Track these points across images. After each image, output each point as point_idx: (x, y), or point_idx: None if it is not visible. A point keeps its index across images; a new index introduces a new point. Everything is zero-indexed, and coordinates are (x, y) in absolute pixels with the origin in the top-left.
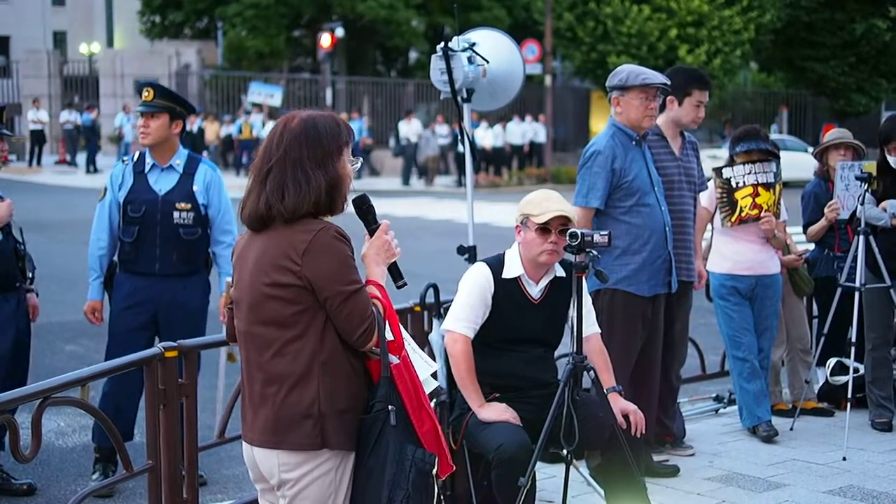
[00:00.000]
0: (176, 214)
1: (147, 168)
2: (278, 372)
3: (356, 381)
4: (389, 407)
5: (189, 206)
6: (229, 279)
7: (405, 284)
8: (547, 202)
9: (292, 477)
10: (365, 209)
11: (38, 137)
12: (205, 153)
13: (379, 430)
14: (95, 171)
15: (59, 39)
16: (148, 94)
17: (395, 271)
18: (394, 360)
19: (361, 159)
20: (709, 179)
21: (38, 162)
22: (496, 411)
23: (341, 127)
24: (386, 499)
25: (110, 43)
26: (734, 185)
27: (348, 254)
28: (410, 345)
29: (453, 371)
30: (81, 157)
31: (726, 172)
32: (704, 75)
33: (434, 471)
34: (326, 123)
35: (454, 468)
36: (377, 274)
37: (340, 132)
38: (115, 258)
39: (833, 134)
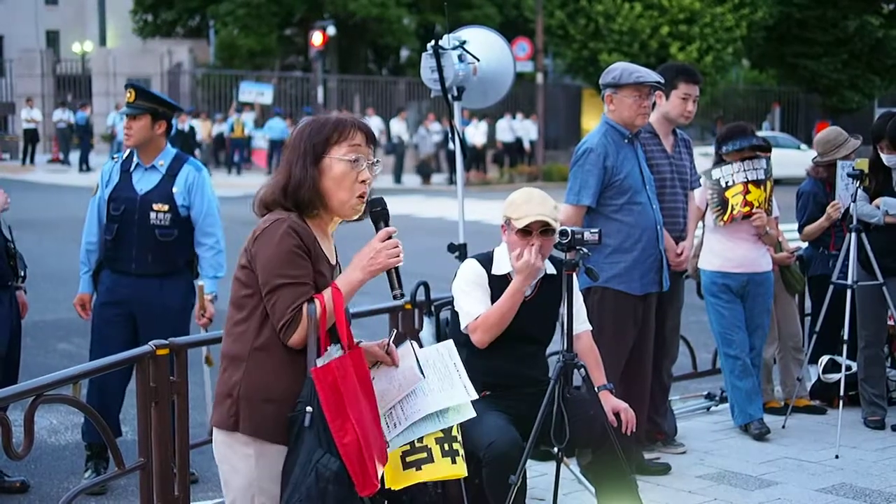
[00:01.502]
0: (152, 215)
1: (133, 167)
2: (224, 351)
3: (296, 376)
4: (308, 408)
5: (166, 207)
6: (202, 283)
7: (401, 295)
8: (527, 205)
9: (217, 455)
10: (377, 212)
11: (31, 136)
12: (196, 152)
13: (297, 430)
14: (88, 169)
15: (52, 38)
16: (130, 95)
17: (392, 278)
18: (319, 362)
19: (380, 161)
20: (700, 177)
21: (32, 160)
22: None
23: (326, 127)
24: (286, 500)
25: (103, 42)
26: (724, 185)
27: (291, 248)
28: (458, 370)
29: (498, 327)
30: (74, 156)
31: (716, 174)
32: (690, 68)
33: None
34: (312, 126)
35: (378, 487)
36: (344, 279)
37: (321, 132)
38: None
39: (839, 138)
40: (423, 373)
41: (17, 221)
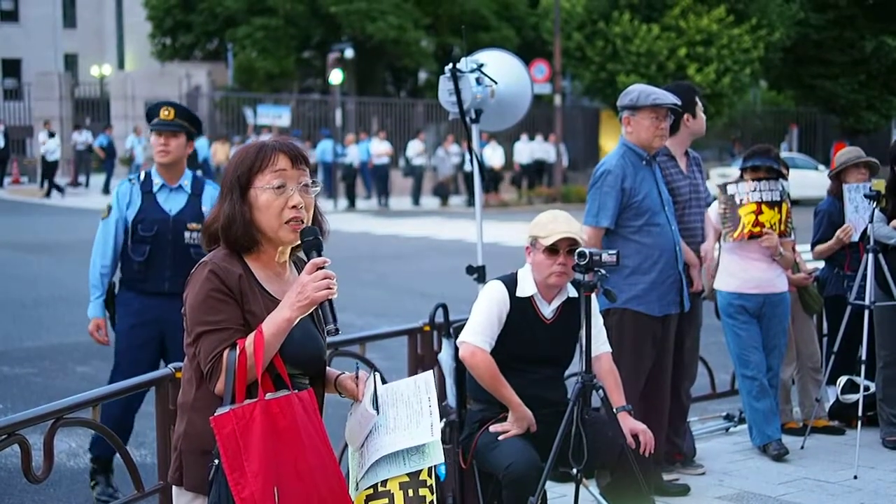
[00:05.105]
0: (187, 234)
1: (156, 188)
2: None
3: None
4: (216, 460)
5: (200, 226)
6: None
7: (335, 331)
8: (553, 223)
9: None
10: (308, 241)
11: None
12: (198, 172)
13: (212, 481)
14: (108, 192)
15: (71, 62)
16: (168, 112)
17: (325, 312)
18: (219, 410)
19: (318, 183)
20: (714, 199)
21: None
22: (529, 420)
23: (248, 157)
24: None
25: (121, 65)
26: (738, 202)
27: (208, 292)
28: (430, 407)
29: (482, 383)
30: (89, 178)
31: (730, 189)
32: (690, 83)
33: None
34: (237, 157)
35: None
36: (270, 319)
37: (243, 162)
38: (115, 277)
39: (848, 153)
40: (377, 409)
41: (35, 245)
